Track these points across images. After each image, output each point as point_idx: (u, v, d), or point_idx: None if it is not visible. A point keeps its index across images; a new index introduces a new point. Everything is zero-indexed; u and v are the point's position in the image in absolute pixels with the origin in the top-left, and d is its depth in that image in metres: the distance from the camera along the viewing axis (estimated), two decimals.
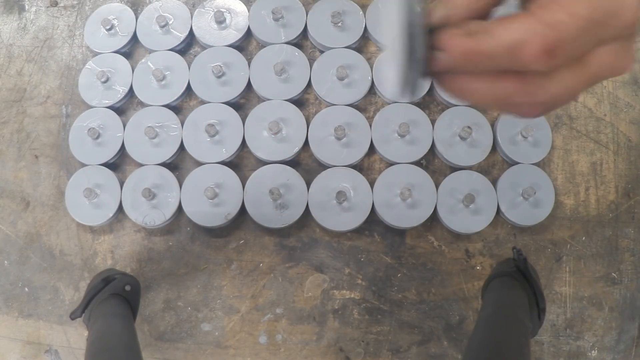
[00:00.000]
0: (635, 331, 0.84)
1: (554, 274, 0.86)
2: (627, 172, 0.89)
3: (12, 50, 0.98)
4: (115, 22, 0.94)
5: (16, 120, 0.95)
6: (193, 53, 0.96)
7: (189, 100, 0.94)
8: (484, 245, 0.87)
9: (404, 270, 0.87)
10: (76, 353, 0.87)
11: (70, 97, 0.95)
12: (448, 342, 0.85)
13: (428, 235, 0.88)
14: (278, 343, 0.85)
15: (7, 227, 0.91)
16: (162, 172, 0.88)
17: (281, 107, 0.89)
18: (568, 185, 0.89)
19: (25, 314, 0.88)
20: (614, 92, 0.92)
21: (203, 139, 0.88)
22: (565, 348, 0.84)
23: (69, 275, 0.88)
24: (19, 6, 1.01)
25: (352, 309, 0.86)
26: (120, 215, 0.89)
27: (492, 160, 0.89)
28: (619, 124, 0.91)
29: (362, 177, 0.86)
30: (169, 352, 0.86)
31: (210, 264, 0.88)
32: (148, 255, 0.89)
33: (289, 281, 0.87)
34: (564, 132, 0.90)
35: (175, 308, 0.87)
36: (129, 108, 0.94)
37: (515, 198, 0.85)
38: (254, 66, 0.91)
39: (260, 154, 0.88)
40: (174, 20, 0.94)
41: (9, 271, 0.89)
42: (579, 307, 0.85)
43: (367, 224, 0.86)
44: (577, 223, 0.87)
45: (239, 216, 0.87)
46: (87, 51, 0.97)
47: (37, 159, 0.93)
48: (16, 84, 0.96)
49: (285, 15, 0.92)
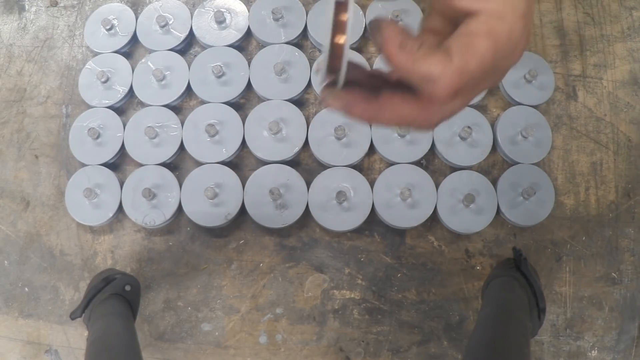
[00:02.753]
0: (635, 331, 0.84)
1: (554, 274, 0.86)
2: (627, 172, 0.89)
3: (12, 50, 0.98)
4: (115, 22, 0.94)
5: (16, 120, 0.95)
6: (193, 53, 0.96)
7: (189, 100, 0.94)
8: (484, 245, 0.87)
9: (404, 270, 0.87)
10: (76, 353, 0.87)
11: (70, 97, 0.95)
12: (448, 342, 0.85)
13: (428, 235, 0.88)
14: (278, 343, 0.86)
15: (7, 227, 0.91)
16: (162, 172, 0.87)
17: (281, 107, 0.89)
18: (568, 185, 0.89)
19: (25, 314, 0.88)
20: (614, 92, 0.92)
21: (203, 139, 0.88)
22: (565, 348, 0.84)
23: (69, 275, 0.88)
24: (19, 6, 1.01)
25: (352, 309, 0.86)
26: (120, 215, 0.89)
27: (492, 160, 0.89)
28: (619, 124, 0.91)
29: (362, 177, 0.86)
30: (169, 352, 0.86)
31: (210, 264, 0.88)
32: (148, 255, 0.89)
33: (289, 281, 0.87)
34: (564, 132, 0.90)
35: (175, 308, 0.87)
36: (129, 108, 0.94)
37: (515, 198, 0.85)
38: (254, 66, 0.91)
39: (260, 154, 0.88)
40: (174, 20, 0.94)
41: (9, 271, 0.89)
42: (579, 307, 0.85)
43: (367, 224, 0.86)
44: (577, 223, 0.87)
45: (239, 216, 0.87)
46: (87, 51, 0.97)
47: (37, 159, 0.93)
48: (16, 84, 0.96)
49: (285, 15, 0.92)
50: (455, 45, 0.26)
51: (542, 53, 0.93)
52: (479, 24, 0.26)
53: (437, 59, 0.26)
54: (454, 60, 0.26)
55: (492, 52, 0.26)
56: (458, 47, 0.26)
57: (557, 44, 0.94)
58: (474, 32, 0.26)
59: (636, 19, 0.95)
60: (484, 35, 0.26)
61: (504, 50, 0.26)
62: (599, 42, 0.94)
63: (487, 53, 0.26)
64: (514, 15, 0.26)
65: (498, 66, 0.27)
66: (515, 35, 0.26)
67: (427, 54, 0.26)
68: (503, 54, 0.26)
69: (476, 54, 0.26)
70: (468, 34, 0.26)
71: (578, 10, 0.95)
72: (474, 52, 0.26)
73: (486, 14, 0.26)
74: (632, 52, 0.93)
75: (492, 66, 0.27)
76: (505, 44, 0.26)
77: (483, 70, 0.26)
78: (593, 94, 0.92)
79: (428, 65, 0.26)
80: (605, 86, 0.92)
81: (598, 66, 0.93)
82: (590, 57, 0.93)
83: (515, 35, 0.26)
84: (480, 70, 0.26)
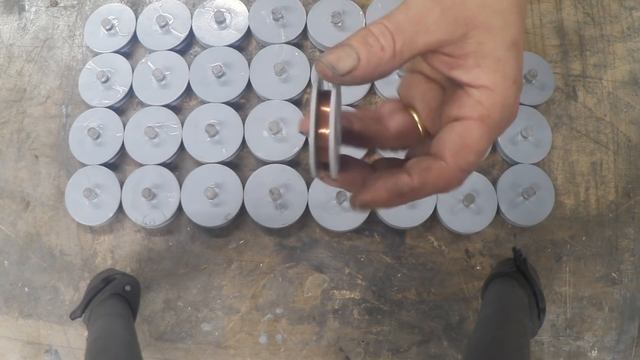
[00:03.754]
0: (635, 331, 0.84)
1: (554, 274, 0.86)
2: (627, 172, 0.89)
3: (12, 50, 0.98)
4: (115, 22, 0.94)
5: (16, 120, 0.95)
6: (193, 53, 0.96)
7: (189, 100, 0.94)
8: (484, 245, 0.87)
9: (404, 270, 0.87)
10: (76, 353, 0.87)
11: (70, 97, 0.95)
12: (448, 342, 0.85)
13: (428, 235, 0.88)
14: (278, 343, 0.85)
15: (7, 227, 0.91)
16: (162, 172, 0.87)
17: (281, 107, 0.89)
18: (568, 185, 0.89)
19: (25, 314, 0.88)
20: (614, 92, 0.92)
21: (203, 139, 0.88)
22: (565, 348, 0.84)
23: (69, 275, 0.88)
24: (19, 6, 1.01)
25: (352, 309, 0.86)
26: (120, 215, 0.89)
27: (492, 160, 0.89)
28: (619, 124, 0.91)
29: None
30: (169, 352, 0.86)
31: (210, 264, 0.88)
32: (148, 255, 0.89)
33: (289, 281, 0.87)
34: (564, 132, 0.90)
35: (175, 308, 0.87)
36: (129, 108, 0.94)
37: (515, 198, 0.85)
38: (254, 66, 0.91)
39: (260, 154, 0.88)
40: (174, 20, 0.94)
41: (9, 271, 0.89)
42: (579, 307, 0.85)
43: (367, 224, 0.86)
44: (577, 223, 0.87)
45: (239, 216, 0.87)
46: (87, 51, 0.97)
47: (37, 159, 0.93)
48: (16, 84, 0.96)
49: (285, 15, 0.92)
50: (448, 144, 0.26)
51: (542, 53, 0.93)
52: (470, 107, 0.26)
53: (437, 172, 0.27)
54: (453, 163, 0.26)
55: (487, 137, 0.26)
56: (450, 151, 0.26)
57: (557, 44, 0.94)
58: (466, 116, 0.26)
59: (636, 19, 0.95)
60: (476, 119, 0.26)
61: (499, 125, 0.26)
62: (599, 42, 0.94)
63: (482, 140, 0.26)
64: (505, 84, 0.26)
65: (494, 138, 0.27)
66: (509, 103, 0.26)
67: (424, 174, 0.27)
68: (499, 128, 0.27)
69: (472, 146, 0.26)
70: (460, 126, 0.26)
71: (578, 10, 0.95)
72: (469, 146, 0.26)
73: (478, 89, 0.26)
74: (632, 52, 0.93)
75: (488, 148, 0.27)
76: (499, 118, 0.26)
77: (481, 156, 0.27)
78: (593, 94, 0.92)
79: (432, 185, 0.27)
80: (605, 86, 0.92)
81: (598, 66, 0.93)
82: (590, 57, 0.93)
83: (508, 103, 0.26)
84: (479, 160, 0.27)
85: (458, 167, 0.26)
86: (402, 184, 0.27)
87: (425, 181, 0.27)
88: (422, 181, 0.27)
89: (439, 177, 0.27)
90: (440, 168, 0.26)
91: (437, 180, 0.27)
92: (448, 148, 0.26)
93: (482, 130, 0.26)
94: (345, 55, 0.25)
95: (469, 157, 0.26)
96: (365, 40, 0.25)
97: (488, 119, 0.26)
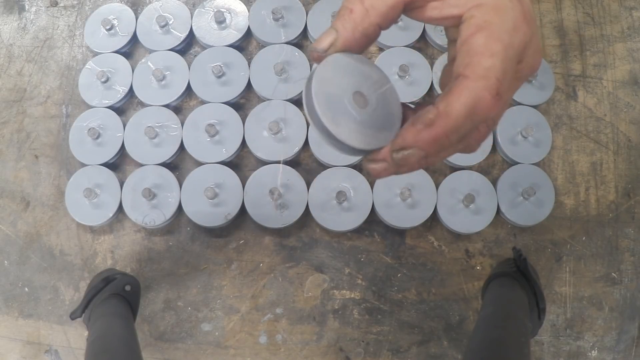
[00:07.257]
0: (635, 331, 0.84)
1: (554, 274, 0.86)
2: (627, 172, 0.89)
3: (12, 50, 0.98)
4: (115, 22, 0.94)
5: (16, 120, 0.95)
6: (193, 53, 0.96)
7: (189, 100, 0.94)
8: (484, 245, 0.87)
9: (404, 270, 0.87)
10: (76, 353, 0.87)
11: (70, 97, 0.95)
12: (448, 342, 0.85)
13: (428, 235, 0.88)
14: (278, 343, 0.86)
15: (7, 227, 0.91)
16: (162, 172, 0.87)
17: (281, 107, 0.89)
18: (568, 185, 0.89)
19: (25, 314, 0.88)
20: (614, 92, 0.92)
21: (203, 139, 0.88)
22: (565, 348, 0.84)
23: (69, 275, 0.88)
24: (19, 6, 1.01)
25: (352, 309, 0.86)
26: (120, 215, 0.89)
27: (492, 160, 0.89)
28: (619, 124, 0.91)
29: (362, 177, 0.86)
30: (169, 352, 0.86)
31: (210, 264, 0.88)
32: (148, 255, 0.89)
33: (289, 281, 0.87)
34: (564, 132, 0.90)
35: (175, 308, 0.87)
36: (129, 108, 0.94)
37: (515, 198, 0.85)
38: (254, 66, 0.91)
39: (260, 154, 0.88)
40: (174, 20, 0.94)
41: (9, 271, 0.89)
42: (579, 307, 0.85)
43: (367, 224, 0.86)
44: (577, 223, 0.87)
45: (239, 216, 0.87)
46: (87, 51, 0.97)
47: (37, 159, 0.93)
48: (16, 84, 0.96)
49: (285, 15, 0.92)
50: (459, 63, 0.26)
51: (542, 53, 0.93)
52: (468, 26, 0.26)
53: (460, 89, 0.26)
54: (470, 75, 0.25)
55: (494, 40, 0.26)
56: (464, 65, 0.26)
57: (557, 44, 0.94)
58: (468, 34, 0.26)
59: (636, 19, 0.95)
60: (476, 30, 0.26)
61: (503, 29, 0.26)
62: (599, 42, 0.94)
63: (490, 44, 0.25)
64: None
65: (505, 41, 0.26)
66: (503, 3, 0.26)
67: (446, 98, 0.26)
68: (504, 32, 0.26)
69: (483, 52, 0.25)
70: (465, 45, 0.26)
71: (578, 10, 0.95)
72: (478, 52, 0.25)
73: (470, 9, 0.26)
74: (632, 52, 0.93)
75: (501, 48, 0.26)
76: (499, 21, 0.26)
77: (505, 59, 0.26)
78: (593, 94, 0.92)
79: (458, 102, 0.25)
80: (605, 86, 0.92)
81: (598, 66, 0.93)
82: (590, 57, 0.93)
83: (502, 4, 0.26)
84: (502, 62, 0.25)
85: (477, 76, 0.25)
86: (426, 112, 0.26)
87: (448, 101, 0.26)
88: (446, 102, 0.26)
89: (460, 93, 0.25)
90: (458, 84, 0.26)
91: (461, 97, 0.25)
92: (460, 65, 0.26)
93: (484, 35, 0.26)
94: (325, 35, 0.29)
95: (484, 62, 0.25)
96: (339, 15, 0.28)
97: (485, 23, 0.26)
